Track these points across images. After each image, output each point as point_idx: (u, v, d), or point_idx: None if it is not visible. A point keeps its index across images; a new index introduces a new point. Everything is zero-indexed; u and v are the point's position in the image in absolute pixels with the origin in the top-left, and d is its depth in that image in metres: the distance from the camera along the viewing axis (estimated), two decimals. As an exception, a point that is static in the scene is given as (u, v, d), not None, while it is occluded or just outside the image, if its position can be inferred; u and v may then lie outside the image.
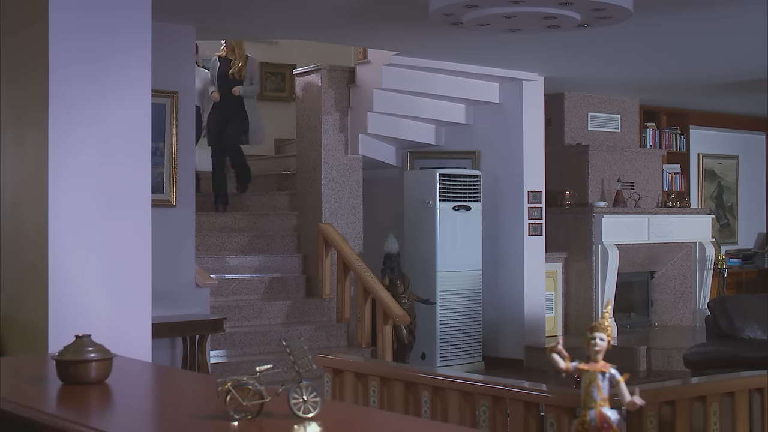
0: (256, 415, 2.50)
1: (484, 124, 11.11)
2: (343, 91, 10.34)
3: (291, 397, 2.45)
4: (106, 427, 2.52)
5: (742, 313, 7.97)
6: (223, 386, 2.48)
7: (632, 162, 12.39)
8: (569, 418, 4.69)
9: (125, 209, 4.19)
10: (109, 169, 4.18)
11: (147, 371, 3.41)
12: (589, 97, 12.25)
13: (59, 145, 4.08)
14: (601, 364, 2.12)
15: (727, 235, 14.70)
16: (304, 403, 2.44)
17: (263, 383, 2.49)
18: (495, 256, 10.84)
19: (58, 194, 4.06)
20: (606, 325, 2.17)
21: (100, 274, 4.14)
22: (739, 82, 11.58)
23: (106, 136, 4.20)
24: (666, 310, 12.50)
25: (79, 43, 4.16)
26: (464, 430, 2.46)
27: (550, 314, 11.38)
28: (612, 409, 2.03)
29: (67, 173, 4.11)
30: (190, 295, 8.25)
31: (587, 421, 2.01)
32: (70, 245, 4.08)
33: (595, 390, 2.06)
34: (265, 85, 12.24)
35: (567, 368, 2.15)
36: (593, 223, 11.44)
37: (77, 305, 4.06)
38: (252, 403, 2.49)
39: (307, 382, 2.44)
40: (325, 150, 10.17)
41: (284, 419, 2.46)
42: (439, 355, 10.22)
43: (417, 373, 5.58)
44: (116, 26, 4.27)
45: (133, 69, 4.24)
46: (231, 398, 2.48)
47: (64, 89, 4.13)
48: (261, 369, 2.50)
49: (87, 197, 4.13)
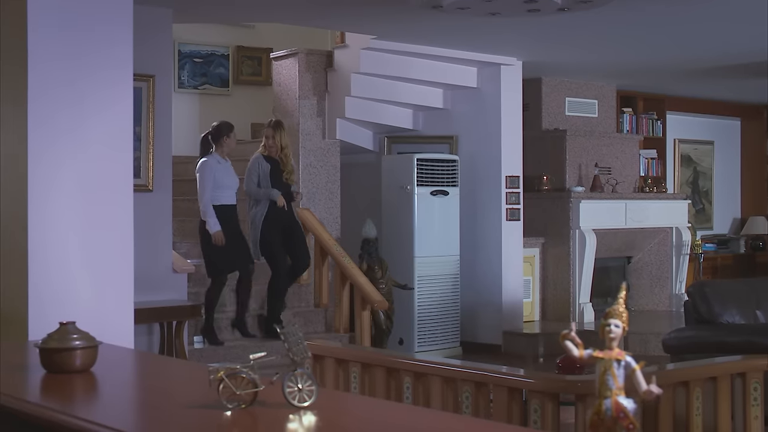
0: (249, 405, 2.44)
1: (462, 108, 11.07)
2: (321, 76, 10.27)
3: (286, 386, 2.39)
4: (93, 416, 2.45)
5: (720, 298, 7.96)
6: (216, 375, 2.42)
7: (609, 147, 12.39)
8: (553, 404, 4.68)
9: (107, 193, 4.12)
10: (90, 154, 4.11)
11: (133, 359, 3.34)
12: (567, 82, 12.23)
13: (39, 128, 4.00)
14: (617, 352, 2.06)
15: (702, 221, 14.75)
16: (299, 392, 2.38)
17: (257, 371, 2.44)
18: (473, 242, 10.81)
19: (38, 178, 3.98)
20: (621, 312, 2.11)
21: (81, 259, 4.07)
22: (715, 68, 11.61)
23: (86, 120, 4.13)
24: (642, 295, 12.53)
25: (58, 26, 4.09)
26: (466, 417, 2.40)
27: (527, 299, 11.37)
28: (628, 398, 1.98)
29: (47, 157, 4.04)
30: (167, 281, 8.19)
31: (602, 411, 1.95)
32: (51, 230, 4.01)
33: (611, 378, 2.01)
34: (241, 69, 12.15)
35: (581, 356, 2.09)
36: (571, 209, 11.44)
37: (58, 291, 3.99)
38: (245, 392, 2.44)
39: (302, 370, 2.38)
40: (302, 135, 10.11)
41: (279, 408, 2.41)
42: (416, 341, 10.20)
43: (399, 359, 5.56)
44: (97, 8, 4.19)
45: (114, 51, 4.17)
46: (224, 387, 2.42)
47: (44, 72, 4.05)
48: (255, 357, 2.44)
49: (68, 181, 4.05)
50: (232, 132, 8.74)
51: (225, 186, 8.63)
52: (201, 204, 8.55)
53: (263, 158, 9.03)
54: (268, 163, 8.99)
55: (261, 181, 8.98)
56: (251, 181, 9.00)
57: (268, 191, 8.94)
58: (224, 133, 8.65)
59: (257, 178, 8.98)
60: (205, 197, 8.53)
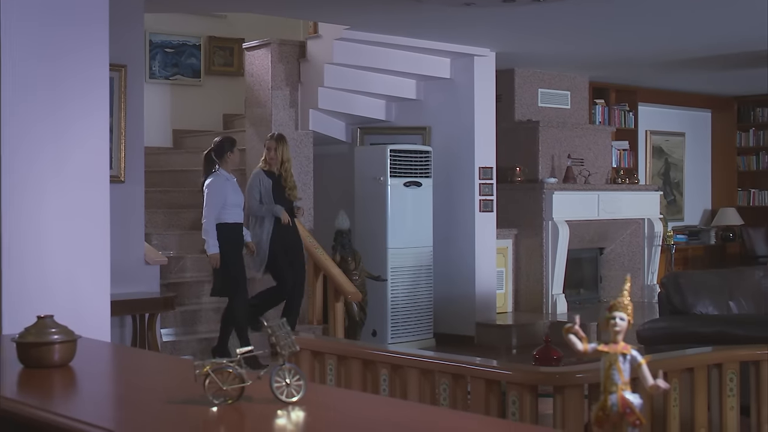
0: (236, 400, 2.39)
1: (435, 99, 11.04)
2: (294, 66, 10.20)
3: (273, 381, 2.34)
4: (74, 413, 2.39)
5: (694, 289, 7.98)
6: (202, 369, 2.37)
7: (582, 138, 12.41)
8: (531, 396, 4.66)
9: (83, 184, 4.05)
10: (66, 144, 4.04)
11: (113, 353, 3.28)
12: (540, 73, 12.23)
13: (13, 117, 3.93)
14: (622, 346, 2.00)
15: (673, 212, 14.82)
16: (287, 387, 2.34)
17: (243, 366, 2.39)
18: (446, 233, 10.80)
19: (12, 169, 3.91)
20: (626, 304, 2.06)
21: (57, 251, 4.00)
22: (687, 60, 11.65)
23: (62, 110, 4.06)
24: (615, 286, 12.56)
25: (36, 18, 4.01)
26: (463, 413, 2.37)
27: (500, 291, 11.37)
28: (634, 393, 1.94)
29: (22, 148, 3.97)
30: (139, 273, 8.12)
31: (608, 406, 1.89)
32: (26, 221, 3.94)
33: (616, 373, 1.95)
34: (212, 59, 12.06)
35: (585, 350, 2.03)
36: (543, 200, 11.44)
37: (33, 283, 3.93)
38: (232, 387, 2.38)
39: (290, 365, 2.34)
40: (275, 125, 10.03)
41: (266, 404, 2.36)
42: (390, 332, 10.18)
43: (375, 351, 5.52)
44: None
45: (90, 39, 4.10)
46: (210, 382, 2.37)
47: (19, 57, 3.97)
48: (241, 351, 2.40)
49: (43, 172, 3.99)
50: (235, 147, 8.35)
51: (234, 204, 8.25)
52: (205, 222, 8.13)
53: (264, 173, 8.67)
54: (269, 179, 8.64)
55: (263, 198, 8.61)
56: (253, 198, 8.62)
57: (273, 208, 8.59)
58: (227, 149, 8.24)
59: (259, 194, 8.61)
60: (211, 216, 8.11)
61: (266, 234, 8.62)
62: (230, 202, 8.19)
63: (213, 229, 8.12)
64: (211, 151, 8.30)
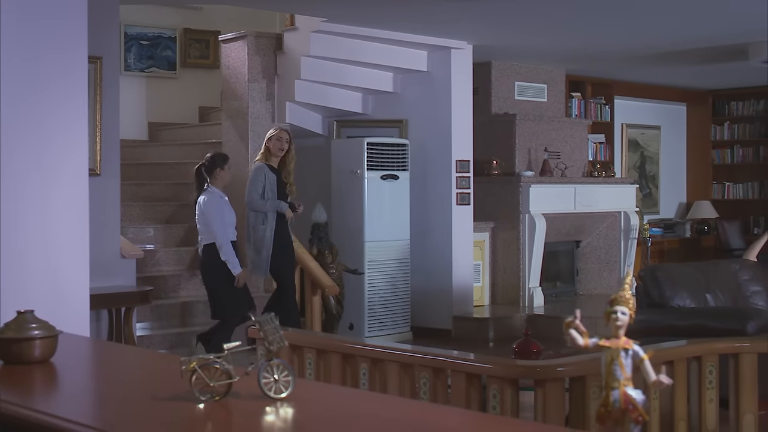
0: (223, 396, 2.35)
1: (411, 92, 11.02)
2: (270, 59, 10.16)
3: (261, 377, 2.30)
4: (56, 410, 2.34)
5: (671, 282, 7.99)
6: (188, 365, 2.33)
7: (558, 132, 12.41)
8: (512, 389, 4.65)
9: (62, 176, 4.00)
10: (45, 135, 3.99)
11: (95, 349, 3.23)
12: (516, 66, 12.22)
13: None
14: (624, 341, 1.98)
15: (649, 205, 14.86)
16: (276, 383, 2.30)
17: (231, 362, 2.35)
18: (423, 226, 10.78)
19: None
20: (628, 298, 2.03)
21: (35, 244, 3.95)
22: (662, 54, 11.68)
23: (40, 102, 4.01)
24: (591, 279, 12.59)
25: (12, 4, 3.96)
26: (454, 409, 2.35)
27: (477, 284, 11.36)
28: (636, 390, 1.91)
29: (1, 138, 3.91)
30: (115, 267, 8.06)
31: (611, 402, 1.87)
32: (4, 214, 3.88)
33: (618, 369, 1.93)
34: (188, 51, 11.99)
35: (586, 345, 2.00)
36: (520, 193, 11.43)
37: (11, 278, 3.87)
38: (219, 384, 2.34)
39: (279, 360, 2.30)
40: (251, 118, 10.00)
41: (254, 400, 2.32)
42: (367, 326, 10.16)
43: (355, 345, 5.50)
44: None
45: (68, 30, 4.05)
46: (197, 378, 2.33)
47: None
48: (229, 347, 2.36)
49: (22, 165, 3.93)
50: (227, 164, 8.07)
51: (230, 222, 7.97)
52: (223, 245, 7.81)
53: (268, 167, 8.32)
54: (273, 173, 8.31)
55: (267, 193, 8.25)
56: (256, 192, 8.24)
57: (277, 203, 8.27)
58: (218, 165, 7.97)
59: (262, 189, 8.24)
60: (222, 237, 7.81)
61: (270, 231, 8.28)
62: (227, 221, 7.93)
63: (231, 249, 7.82)
64: (201, 166, 8.04)
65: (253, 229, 8.30)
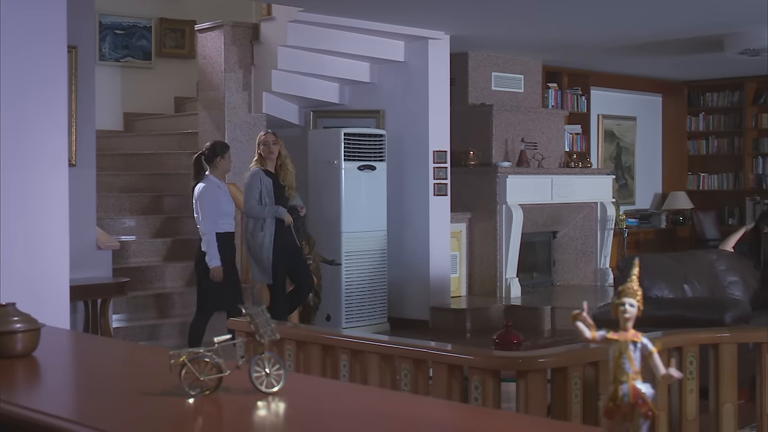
0: (213, 391, 2.30)
1: (389, 82, 10.98)
2: (247, 49, 10.10)
3: (252, 371, 2.25)
4: (40, 406, 2.27)
5: (649, 273, 8.01)
6: (177, 359, 2.28)
7: (535, 122, 12.41)
8: (494, 381, 4.63)
9: (41, 167, 3.95)
10: (23, 125, 3.93)
11: (79, 342, 3.17)
12: (493, 56, 12.20)
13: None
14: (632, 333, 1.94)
15: (625, 196, 14.89)
16: (267, 377, 2.25)
17: (221, 356, 2.31)
18: (400, 217, 10.75)
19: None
20: (636, 289, 1.99)
21: (15, 236, 3.89)
22: (638, 45, 11.69)
23: (20, 93, 3.95)
24: (568, 270, 12.60)
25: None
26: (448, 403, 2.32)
27: (454, 275, 11.35)
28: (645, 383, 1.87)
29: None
30: (91, 258, 8.00)
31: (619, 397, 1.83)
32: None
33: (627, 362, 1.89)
34: (164, 41, 11.90)
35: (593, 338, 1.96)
36: (497, 184, 11.42)
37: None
38: (209, 378, 2.29)
39: (270, 353, 2.26)
40: (228, 108, 9.94)
41: (245, 394, 2.27)
42: (344, 317, 10.12)
43: (335, 337, 5.46)
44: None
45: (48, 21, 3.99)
46: (186, 372, 2.28)
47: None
48: (219, 340, 2.31)
49: (2, 155, 3.87)
50: (227, 152, 7.88)
51: (227, 213, 7.80)
52: (205, 234, 7.63)
53: (263, 172, 8.15)
54: (269, 178, 8.14)
55: (264, 198, 8.09)
56: (253, 199, 8.07)
57: (275, 209, 8.10)
58: (218, 154, 7.78)
59: (259, 194, 8.08)
60: (209, 226, 7.63)
61: (269, 237, 8.10)
62: (225, 211, 7.79)
63: (214, 241, 7.65)
64: (201, 154, 7.90)
65: (252, 236, 8.14)
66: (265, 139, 8.22)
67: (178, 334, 8.76)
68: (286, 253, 8.21)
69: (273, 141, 8.20)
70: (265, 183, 8.10)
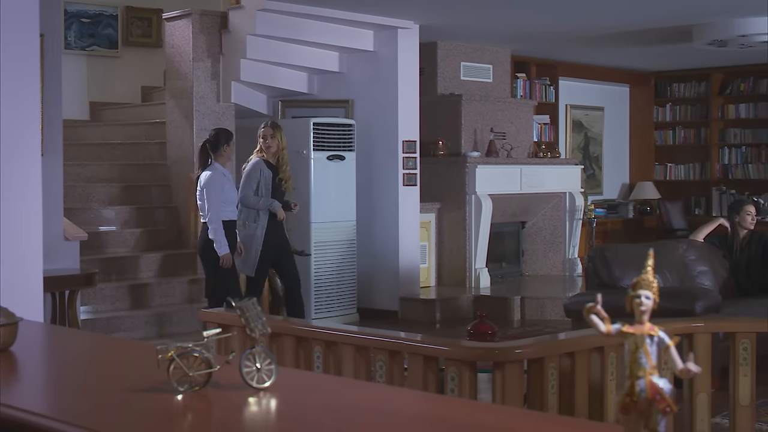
0: (203, 387, 2.25)
1: (358, 72, 10.93)
2: (215, 37, 10.00)
3: (243, 366, 2.20)
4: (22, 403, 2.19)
5: (620, 263, 8.03)
6: (165, 354, 2.23)
7: (504, 112, 12.40)
8: (470, 372, 4.61)
9: (17, 159, 3.87)
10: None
11: (58, 336, 3.09)
12: (462, 46, 12.17)
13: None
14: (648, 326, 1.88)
15: (592, 186, 14.92)
16: (258, 372, 2.20)
17: (210, 350, 2.25)
18: (370, 207, 10.72)
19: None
20: (651, 281, 1.93)
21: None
22: (606, 35, 11.72)
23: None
24: (536, 260, 12.62)
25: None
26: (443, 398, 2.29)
27: (423, 265, 11.33)
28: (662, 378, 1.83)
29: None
30: (58, 249, 7.88)
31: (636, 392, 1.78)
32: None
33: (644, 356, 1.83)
34: (130, 30, 11.77)
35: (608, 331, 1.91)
36: (466, 174, 11.41)
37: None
38: (198, 374, 2.23)
39: (261, 347, 2.21)
40: (196, 98, 9.85)
41: (236, 390, 2.22)
42: (313, 307, 10.07)
43: (309, 328, 5.42)
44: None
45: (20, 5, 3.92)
46: (175, 368, 2.22)
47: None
48: (208, 334, 2.26)
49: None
50: (232, 140, 7.95)
51: (230, 201, 7.83)
52: (212, 223, 7.65)
53: (264, 164, 8.10)
54: (269, 170, 8.09)
55: (261, 190, 8.04)
56: (250, 189, 8.02)
57: (269, 202, 8.05)
58: (223, 142, 7.82)
59: (256, 185, 8.04)
60: (215, 215, 7.65)
61: (261, 229, 8.06)
62: (227, 199, 7.77)
63: (221, 228, 7.65)
64: (206, 142, 7.89)
65: (243, 226, 8.06)
66: (263, 133, 8.17)
67: (145, 326, 8.68)
68: (275, 247, 8.16)
69: (270, 135, 8.13)
70: (264, 174, 8.06)
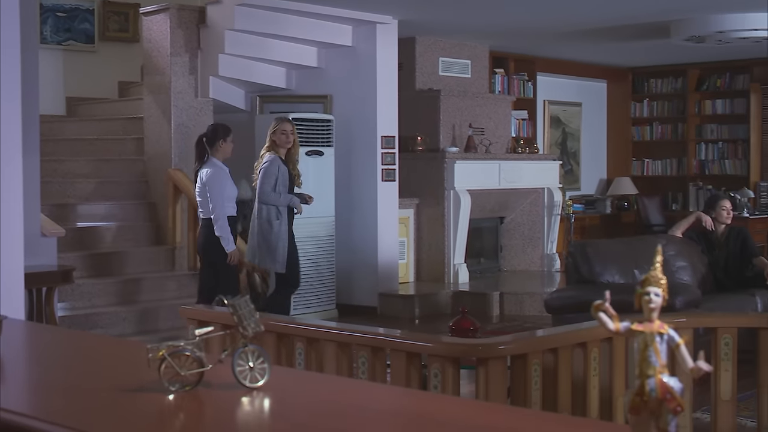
0: (194, 386, 2.21)
1: (336, 67, 10.89)
2: (193, 32, 9.94)
3: (236, 364, 2.17)
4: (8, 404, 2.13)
5: (601, 258, 8.05)
6: (156, 353, 2.19)
7: (482, 108, 12.39)
8: (453, 368, 4.60)
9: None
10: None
11: (42, 335, 3.05)
12: (441, 42, 12.16)
13: None
14: (658, 324, 1.85)
15: (570, 181, 14.94)
16: (251, 371, 2.17)
17: (202, 349, 2.21)
18: (348, 202, 10.68)
19: None
20: (660, 278, 1.90)
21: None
22: (583, 31, 11.74)
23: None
24: (515, 256, 12.62)
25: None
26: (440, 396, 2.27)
27: (402, 260, 11.31)
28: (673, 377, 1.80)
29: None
30: (35, 246, 7.79)
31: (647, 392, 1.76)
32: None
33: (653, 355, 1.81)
34: (107, 24, 11.68)
35: (617, 329, 1.88)
36: (445, 169, 11.39)
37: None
38: (190, 373, 2.20)
39: (254, 346, 2.18)
40: (174, 93, 9.78)
41: (228, 390, 2.18)
42: (292, 303, 10.00)
43: (290, 324, 5.39)
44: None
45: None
46: (166, 367, 2.18)
47: None
48: (200, 332, 2.23)
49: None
50: (229, 135, 7.86)
51: (231, 197, 7.79)
52: (217, 220, 7.63)
53: (280, 160, 8.02)
54: (285, 166, 8.03)
55: (279, 186, 7.96)
56: (268, 185, 7.95)
57: (289, 198, 8.03)
58: (220, 137, 7.77)
59: (275, 182, 7.96)
60: (221, 211, 7.62)
61: (284, 225, 8.06)
62: (227, 195, 7.73)
63: (227, 225, 7.63)
64: (203, 136, 7.85)
65: (268, 224, 8.02)
66: (283, 129, 8.05)
67: (123, 322, 8.62)
68: (292, 241, 8.20)
69: (291, 130, 8.07)
70: (282, 171, 8.00)
